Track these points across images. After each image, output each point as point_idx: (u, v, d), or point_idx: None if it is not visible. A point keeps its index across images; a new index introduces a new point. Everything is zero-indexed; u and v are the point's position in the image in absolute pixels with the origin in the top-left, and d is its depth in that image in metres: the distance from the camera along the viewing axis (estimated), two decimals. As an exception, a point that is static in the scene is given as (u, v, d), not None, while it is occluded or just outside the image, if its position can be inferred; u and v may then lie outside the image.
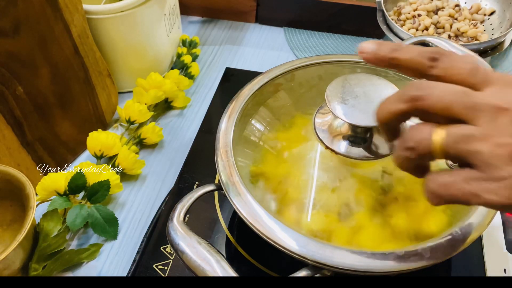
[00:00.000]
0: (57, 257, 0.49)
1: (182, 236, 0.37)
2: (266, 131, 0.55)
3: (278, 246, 0.37)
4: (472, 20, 0.70)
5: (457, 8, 0.71)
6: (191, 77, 0.72)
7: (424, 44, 0.57)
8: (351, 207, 0.47)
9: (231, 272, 0.35)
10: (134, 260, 0.50)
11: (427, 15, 0.70)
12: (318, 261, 0.36)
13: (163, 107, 0.68)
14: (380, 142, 0.43)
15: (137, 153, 0.61)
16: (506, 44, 0.66)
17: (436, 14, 0.71)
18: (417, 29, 0.69)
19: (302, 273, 0.36)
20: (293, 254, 0.37)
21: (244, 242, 0.49)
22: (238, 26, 0.85)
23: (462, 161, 0.26)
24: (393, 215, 0.47)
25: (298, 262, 0.37)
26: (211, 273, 0.35)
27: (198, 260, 0.36)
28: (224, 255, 0.48)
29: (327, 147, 0.44)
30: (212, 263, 0.35)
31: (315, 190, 0.48)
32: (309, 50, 0.80)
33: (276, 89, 0.54)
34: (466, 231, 0.37)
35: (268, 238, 0.38)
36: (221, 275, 0.35)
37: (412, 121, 0.31)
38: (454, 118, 0.26)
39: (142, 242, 0.52)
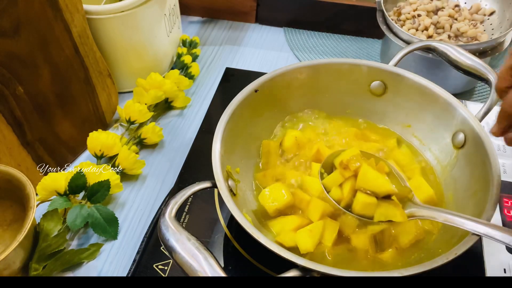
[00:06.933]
0: (57, 257, 0.49)
1: (172, 232, 0.37)
2: (264, 134, 0.55)
3: (268, 248, 0.38)
4: (472, 20, 0.70)
5: (457, 8, 0.71)
6: (191, 77, 0.72)
7: (429, 48, 0.57)
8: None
9: (218, 270, 0.35)
10: (134, 260, 0.50)
11: (427, 15, 0.70)
12: (305, 266, 0.36)
13: (163, 107, 0.68)
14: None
15: (137, 153, 0.61)
16: (506, 44, 0.66)
17: (436, 14, 0.71)
18: (417, 29, 0.69)
19: (291, 273, 0.36)
20: (281, 257, 0.37)
21: (243, 241, 0.49)
22: (238, 26, 0.85)
23: None
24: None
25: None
26: (199, 270, 0.35)
27: (186, 256, 0.36)
28: (223, 253, 0.49)
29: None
30: (200, 259, 0.35)
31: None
32: (309, 50, 0.80)
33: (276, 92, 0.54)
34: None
35: (257, 239, 0.38)
36: (208, 272, 0.35)
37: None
38: None
39: (142, 242, 0.52)
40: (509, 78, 0.38)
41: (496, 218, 0.51)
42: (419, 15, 0.70)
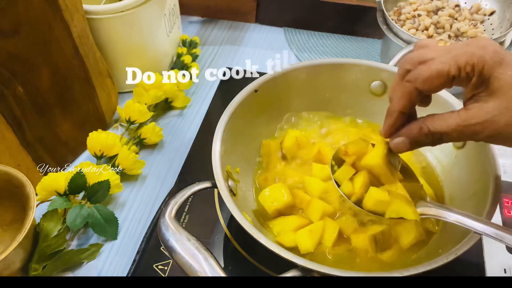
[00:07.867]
0: (57, 257, 0.49)
1: (172, 232, 0.37)
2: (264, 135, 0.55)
3: (268, 248, 0.38)
4: (472, 20, 0.70)
5: (457, 8, 0.71)
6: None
7: None
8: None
9: (218, 270, 0.35)
10: (134, 260, 0.50)
11: (427, 15, 0.70)
12: (305, 266, 0.36)
13: (163, 107, 0.68)
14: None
15: (137, 153, 0.61)
16: (506, 44, 0.66)
17: (436, 14, 0.71)
18: (417, 29, 0.69)
19: (291, 273, 0.36)
20: (282, 257, 0.37)
21: (243, 241, 0.49)
22: (238, 26, 0.85)
23: None
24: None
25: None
26: (199, 270, 0.35)
27: (186, 256, 0.36)
28: (223, 253, 0.49)
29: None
30: (200, 260, 0.35)
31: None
32: (309, 50, 0.80)
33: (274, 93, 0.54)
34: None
35: (258, 239, 0.38)
36: (208, 272, 0.35)
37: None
38: None
39: (142, 242, 0.52)
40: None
41: (496, 218, 0.51)
42: (419, 15, 0.70)
